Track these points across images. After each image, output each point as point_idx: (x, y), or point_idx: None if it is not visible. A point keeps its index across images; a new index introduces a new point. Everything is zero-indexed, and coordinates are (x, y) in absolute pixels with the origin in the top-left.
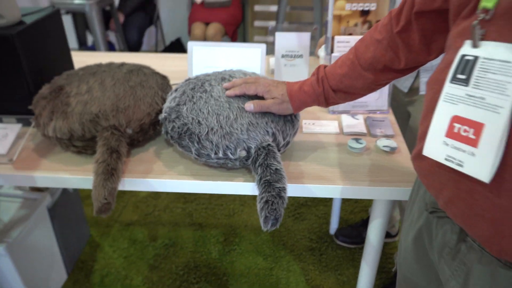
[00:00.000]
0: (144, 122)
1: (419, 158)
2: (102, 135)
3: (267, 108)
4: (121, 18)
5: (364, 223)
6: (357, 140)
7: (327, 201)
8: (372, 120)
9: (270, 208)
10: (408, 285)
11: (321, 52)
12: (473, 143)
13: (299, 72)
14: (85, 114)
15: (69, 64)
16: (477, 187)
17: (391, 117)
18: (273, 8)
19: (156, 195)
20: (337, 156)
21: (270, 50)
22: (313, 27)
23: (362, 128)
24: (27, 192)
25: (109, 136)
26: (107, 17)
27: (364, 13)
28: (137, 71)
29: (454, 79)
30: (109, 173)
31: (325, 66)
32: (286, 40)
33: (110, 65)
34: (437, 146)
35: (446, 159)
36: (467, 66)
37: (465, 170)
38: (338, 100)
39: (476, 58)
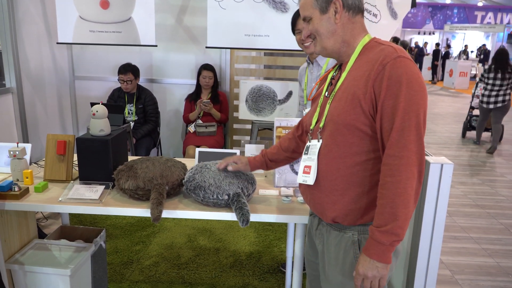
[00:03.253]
0: (174, 183)
1: (299, 185)
2: (155, 187)
3: (238, 169)
4: (134, 140)
5: None
6: (287, 197)
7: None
8: (297, 189)
9: (241, 213)
10: (309, 263)
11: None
12: (308, 172)
13: None
14: (145, 177)
15: (125, 156)
16: (309, 189)
17: None
18: (247, 137)
19: (156, 264)
20: (276, 204)
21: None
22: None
23: (291, 193)
24: (78, 242)
25: (158, 187)
26: None
27: None
28: (170, 160)
29: (304, 153)
30: (159, 203)
31: (266, 149)
32: (252, 150)
33: (155, 157)
34: (300, 177)
35: (303, 181)
36: (307, 148)
37: (308, 182)
38: (273, 166)
39: (309, 145)
